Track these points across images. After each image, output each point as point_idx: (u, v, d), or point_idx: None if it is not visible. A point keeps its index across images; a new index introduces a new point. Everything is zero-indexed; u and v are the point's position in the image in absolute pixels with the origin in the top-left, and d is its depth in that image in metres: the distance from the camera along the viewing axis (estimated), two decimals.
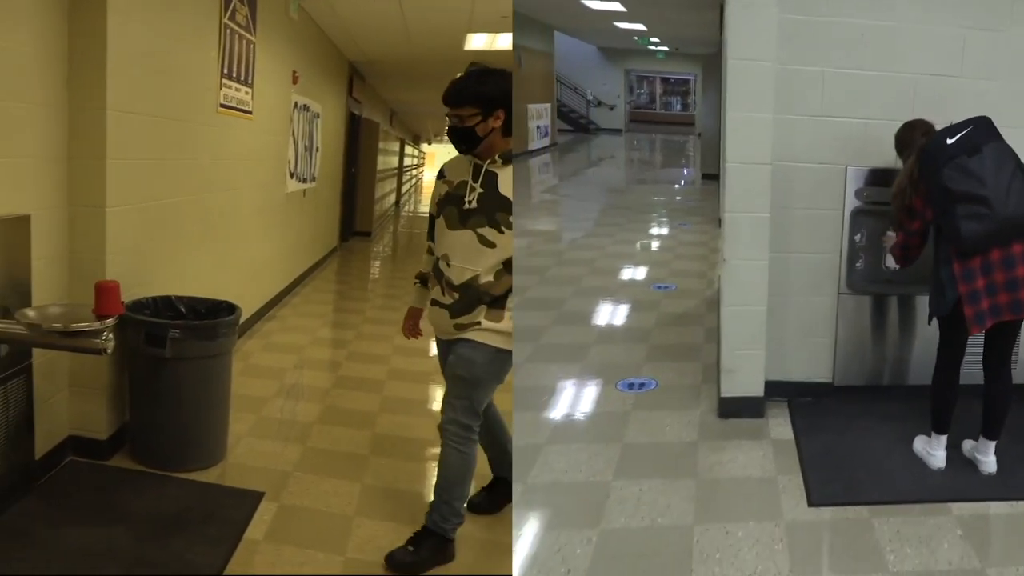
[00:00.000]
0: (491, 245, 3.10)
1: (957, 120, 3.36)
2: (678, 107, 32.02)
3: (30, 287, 3.56)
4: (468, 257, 3.13)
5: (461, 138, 3.15)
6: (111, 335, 3.31)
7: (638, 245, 9.15)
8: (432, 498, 3.36)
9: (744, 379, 4.11)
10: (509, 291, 3.19)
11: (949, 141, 3.29)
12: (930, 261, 3.62)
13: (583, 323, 5.87)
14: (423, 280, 3.51)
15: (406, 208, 26.34)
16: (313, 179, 9.83)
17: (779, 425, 4.06)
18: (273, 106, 7.32)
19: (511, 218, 3.10)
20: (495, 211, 3.10)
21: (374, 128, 15.25)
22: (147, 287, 4.36)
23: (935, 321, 3.62)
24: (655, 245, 9.28)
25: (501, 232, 3.09)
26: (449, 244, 3.21)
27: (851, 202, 4.08)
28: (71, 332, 3.29)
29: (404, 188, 28.18)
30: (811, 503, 3.36)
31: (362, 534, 3.61)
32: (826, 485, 3.48)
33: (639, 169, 20.08)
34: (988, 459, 3.55)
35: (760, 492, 3.48)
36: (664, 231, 10.26)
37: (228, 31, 5.61)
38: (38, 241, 3.60)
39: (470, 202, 3.13)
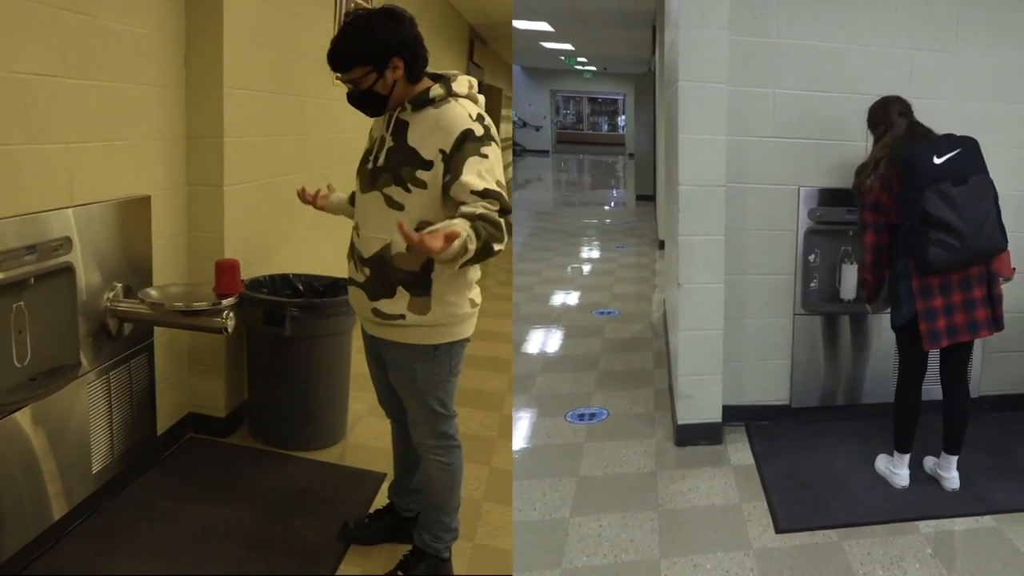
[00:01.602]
0: (398, 207, 2.54)
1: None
2: (606, 127, 31.73)
3: (151, 267, 3.64)
4: (376, 224, 2.61)
5: (364, 103, 2.67)
6: (231, 314, 3.38)
7: (575, 270, 8.75)
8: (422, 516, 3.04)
9: (701, 404, 3.97)
10: (431, 269, 2.59)
11: (936, 161, 3.15)
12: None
13: (525, 353, 5.60)
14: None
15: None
16: None
17: (738, 450, 3.93)
18: None
19: (421, 173, 2.52)
20: (400, 166, 2.55)
21: (497, 94, 14.59)
22: (265, 265, 4.34)
23: (890, 338, 3.70)
24: (593, 269, 8.88)
25: (408, 191, 2.53)
26: (360, 210, 2.72)
27: (804, 222, 4.03)
28: (192, 311, 3.40)
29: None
30: (778, 529, 3.25)
31: (492, 519, 3.53)
32: (792, 509, 3.38)
33: (569, 191, 19.14)
34: (951, 475, 3.51)
35: (725, 520, 3.34)
36: (601, 254, 9.85)
37: (344, 0, 5.47)
38: (158, 221, 3.67)
39: (378, 158, 2.64)
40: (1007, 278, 3.59)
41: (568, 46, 16.93)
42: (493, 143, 2.54)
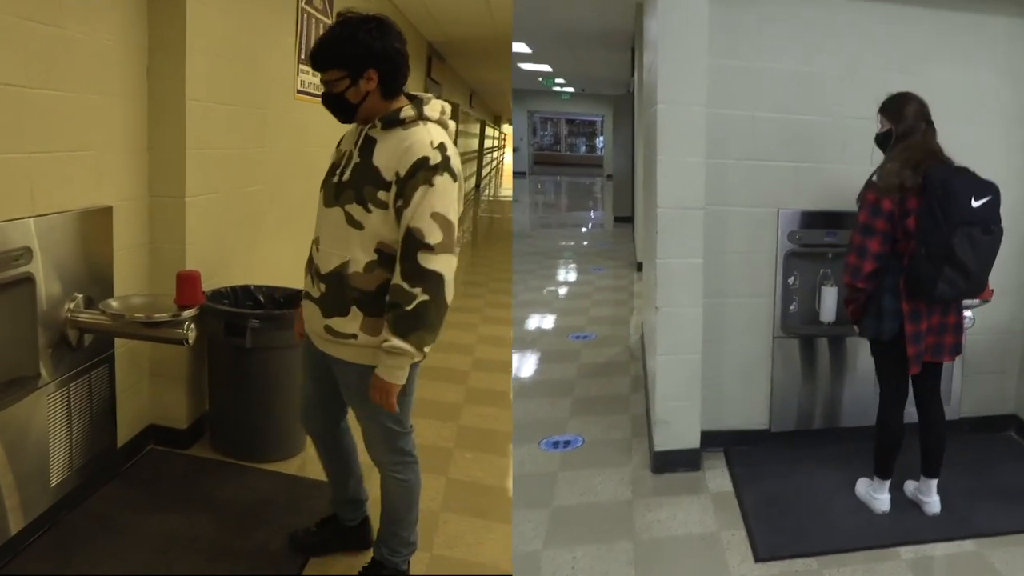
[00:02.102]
0: (358, 226, 2.53)
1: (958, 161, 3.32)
2: (584, 148, 32.01)
3: (112, 278, 3.60)
4: (336, 240, 2.59)
5: (334, 106, 2.64)
6: (192, 325, 3.34)
7: (551, 292, 8.64)
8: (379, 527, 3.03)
9: (679, 430, 3.91)
10: (387, 290, 2.53)
11: (974, 204, 3.11)
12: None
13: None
14: None
15: (487, 192, 25.14)
16: None
17: (717, 477, 3.86)
18: None
19: (382, 193, 2.50)
20: (363, 184, 2.51)
21: (453, 110, 14.44)
22: (226, 277, 4.31)
23: (869, 360, 3.69)
24: (570, 292, 8.75)
25: (368, 211, 2.51)
26: (321, 225, 2.68)
27: (784, 245, 4.01)
28: (153, 322, 3.37)
29: (485, 171, 26.86)
30: (758, 558, 3.18)
31: (449, 530, 3.51)
32: (772, 537, 3.32)
33: (546, 212, 18.95)
34: (931, 499, 3.50)
35: (704, 550, 3.27)
36: (578, 277, 9.67)
37: (305, 16, 5.52)
38: (120, 232, 3.64)
39: (343, 174, 2.61)
40: (985, 300, 3.62)
41: (546, 67, 16.93)
42: (447, 173, 2.50)
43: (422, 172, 2.45)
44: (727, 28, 3.87)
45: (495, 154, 32.79)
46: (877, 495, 3.56)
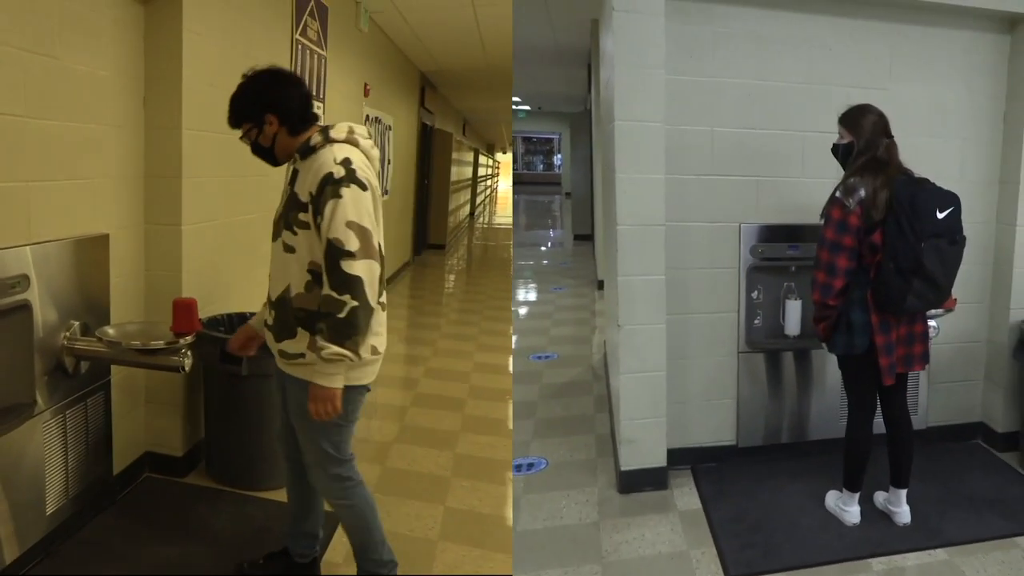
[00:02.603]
0: (291, 251, 2.73)
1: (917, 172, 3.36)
2: (541, 167, 31.85)
3: (108, 305, 3.62)
4: (279, 268, 2.80)
5: (258, 153, 2.90)
6: (189, 352, 3.35)
7: (511, 312, 8.64)
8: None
9: (645, 449, 3.88)
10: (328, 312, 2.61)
11: (939, 216, 3.15)
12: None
13: None
14: None
15: (481, 220, 24.83)
16: (385, 192, 9.43)
17: (685, 495, 3.84)
18: (345, 120, 6.87)
19: (303, 215, 2.69)
20: (289, 212, 2.73)
21: (447, 138, 14.75)
22: (222, 304, 4.32)
23: (837, 374, 3.68)
24: (530, 312, 8.64)
25: (295, 234, 2.70)
26: (271, 258, 2.86)
27: (746, 259, 4.03)
28: (150, 350, 3.37)
29: (479, 199, 26.51)
30: (728, 575, 3.21)
31: (447, 559, 3.46)
32: (742, 554, 3.31)
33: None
34: (901, 509, 3.52)
35: (673, 569, 3.24)
36: (538, 296, 9.62)
37: (300, 47, 5.60)
38: (116, 259, 3.67)
39: (280, 209, 2.84)
40: (949, 310, 3.64)
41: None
42: (353, 184, 2.64)
43: (329, 187, 2.62)
44: (684, 44, 3.90)
45: (489, 182, 32.72)
46: (847, 507, 3.57)
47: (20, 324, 3.08)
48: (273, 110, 2.79)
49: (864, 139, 3.38)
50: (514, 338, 7.37)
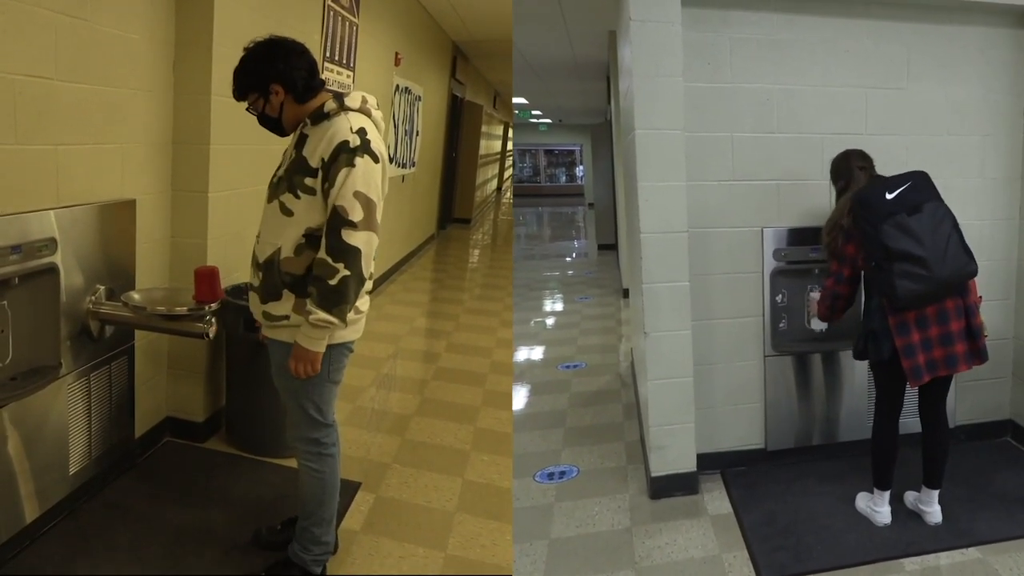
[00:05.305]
0: (289, 213, 2.71)
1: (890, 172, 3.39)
2: (564, 178, 31.83)
3: (134, 270, 3.65)
4: (271, 230, 2.78)
5: (266, 124, 2.91)
6: (213, 319, 3.38)
7: (539, 323, 8.48)
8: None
9: (674, 455, 3.89)
10: (311, 272, 2.70)
11: (888, 196, 3.20)
12: (853, 318, 3.66)
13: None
14: None
15: (508, 194, 24.90)
16: (413, 164, 9.47)
17: (715, 499, 3.84)
18: (374, 89, 6.77)
19: (310, 180, 2.69)
20: (294, 175, 2.71)
21: (477, 111, 14.75)
22: (246, 272, 4.23)
23: (866, 375, 3.68)
24: (557, 322, 8.58)
25: (297, 197, 2.69)
26: (263, 220, 2.86)
27: (770, 263, 4.03)
28: (174, 315, 3.40)
29: (507, 173, 26.56)
30: None
31: (464, 531, 3.53)
32: (774, 557, 3.30)
33: (529, 244, 17.89)
34: (933, 509, 3.51)
35: (706, 574, 3.24)
36: (564, 307, 9.50)
37: (332, 13, 5.57)
38: (143, 225, 3.69)
39: (279, 170, 2.84)
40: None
41: (522, 100, 17.03)
42: (367, 155, 2.67)
43: (344, 155, 2.63)
44: (701, 51, 3.92)
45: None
46: (878, 508, 3.57)
47: (46, 287, 3.14)
48: (278, 79, 2.81)
49: (847, 178, 3.54)
50: (547, 348, 7.33)
